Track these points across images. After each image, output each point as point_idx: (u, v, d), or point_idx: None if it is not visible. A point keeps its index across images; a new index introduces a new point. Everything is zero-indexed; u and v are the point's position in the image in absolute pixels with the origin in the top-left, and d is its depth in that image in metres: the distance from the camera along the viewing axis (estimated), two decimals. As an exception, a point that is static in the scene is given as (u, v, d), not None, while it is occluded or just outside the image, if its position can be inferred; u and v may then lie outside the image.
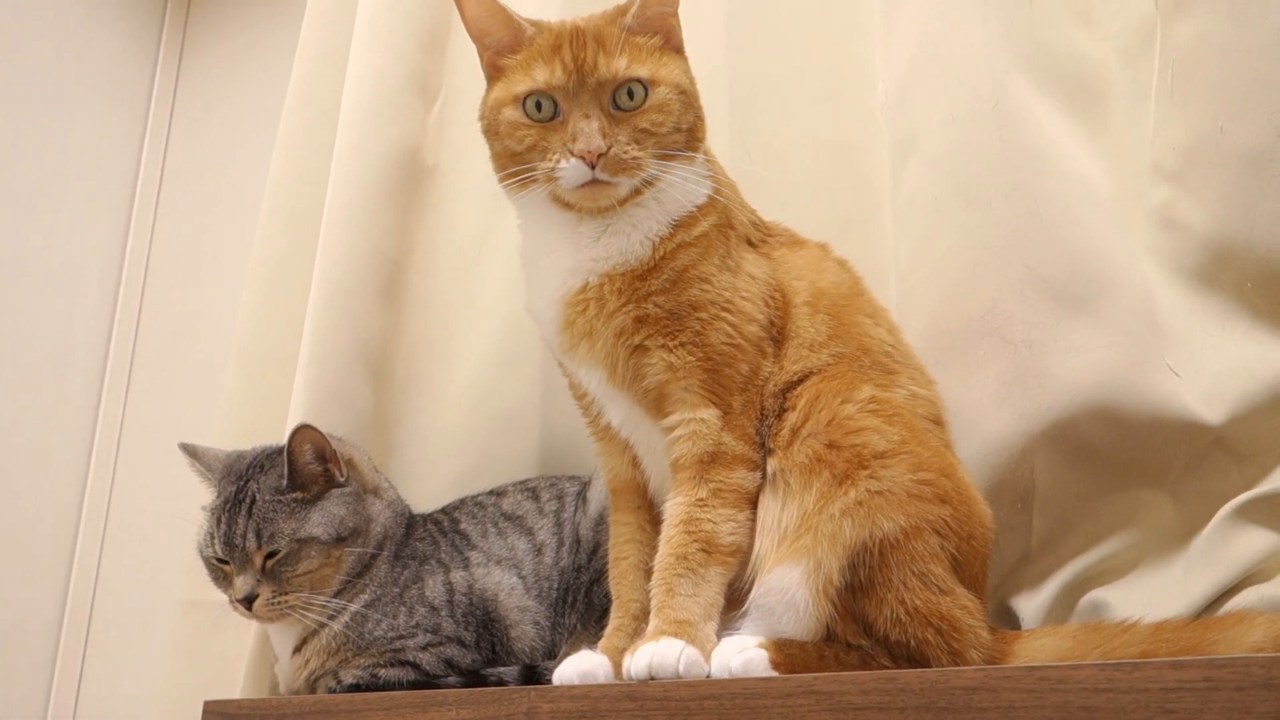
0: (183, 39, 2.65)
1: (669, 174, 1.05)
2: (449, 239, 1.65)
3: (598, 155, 1.01)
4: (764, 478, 1.02)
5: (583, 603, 1.28)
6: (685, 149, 1.07)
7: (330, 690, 1.24)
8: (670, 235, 1.06)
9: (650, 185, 1.05)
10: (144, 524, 2.28)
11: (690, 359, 1.02)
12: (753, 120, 1.50)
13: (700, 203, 1.08)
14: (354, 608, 1.26)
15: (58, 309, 2.34)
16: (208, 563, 1.28)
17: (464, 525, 1.36)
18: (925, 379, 1.13)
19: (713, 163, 1.14)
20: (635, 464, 1.13)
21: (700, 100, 1.11)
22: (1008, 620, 1.21)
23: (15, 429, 2.22)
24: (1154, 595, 1.10)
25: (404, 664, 1.24)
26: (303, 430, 1.26)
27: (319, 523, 1.25)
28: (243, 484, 1.28)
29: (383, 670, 1.23)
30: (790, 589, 0.94)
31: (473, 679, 1.23)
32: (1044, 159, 1.23)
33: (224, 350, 1.87)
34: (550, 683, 1.00)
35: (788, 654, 0.92)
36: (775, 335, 1.07)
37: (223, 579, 1.27)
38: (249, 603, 1.23)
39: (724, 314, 1.03)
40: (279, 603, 1.23)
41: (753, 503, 1.01)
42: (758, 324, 1.05)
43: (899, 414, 1.01)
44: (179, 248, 2.50)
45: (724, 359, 1.03)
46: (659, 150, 1.05)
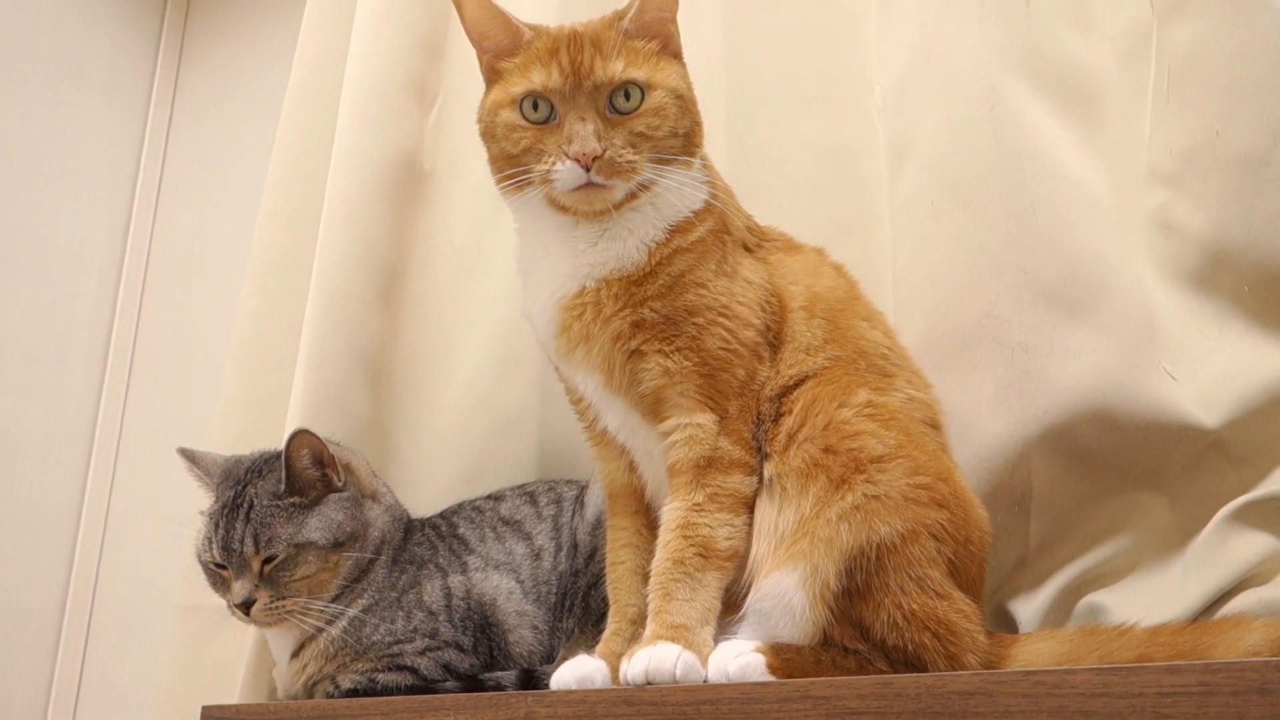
0: (182, 41, 2.65)
1: (665, 179, 1.05)
2: (447, 243, 1.65)
3: (593, 158, 1.01)
4: (760, 482, 1.02)
5: (580, 607, 1.28)
6: (682, 153, 1.07)
7: (328, 695, 1.24)
8: (667, 240, 1.06)
9: (646, 189, 1.05)
10: (143, 528, 2.27)
11: (686, 364, 1.02)
12: (750, 124, 1.50)
13: (697, 208, 1.08)
14: (352, 612, 1.26)
15: (57, 311, 2.34)
16: (206, 568, 1.28)
17: (462, 530, 1.36)
18: (922, 382, 1.13)
19: (709, 168, 1.14)
20: (632, 469, 1.13)
21: (698, 106, 1.11)
22: (1005, 624, 1.21)
23: (14, 432, 2.22)
24: (1151, 598, 1.10)
25: (402, 669, 1.24)
26: (300, 435, 1.26)
27: (317, 528, 1.25)
28: (241, 489, 1.28)
29: (381, 675, 1.23)
30: (787, 593, 0.94)
31: (470, 683, 1.23)
32: (1041, 162, 1.23)
33: (223, 353, 1.87)
34: (548, 687, 1.00)
35: (785, 658, 0.92)
36: (771, 340, 1.07)
37: (221, 584, 1.27)
38: (247, 608, 1.23)
39: (720, 319, 1.03)
40: (276, 608, 1.23)
41: (749, 507, 1.01)
42: (754, 329, 1.05)
43: (895, 418, 1.01)
44: (178, 250, 2.50)
45: (720, 364, 1.03)
46: (655, 154, 1.05)
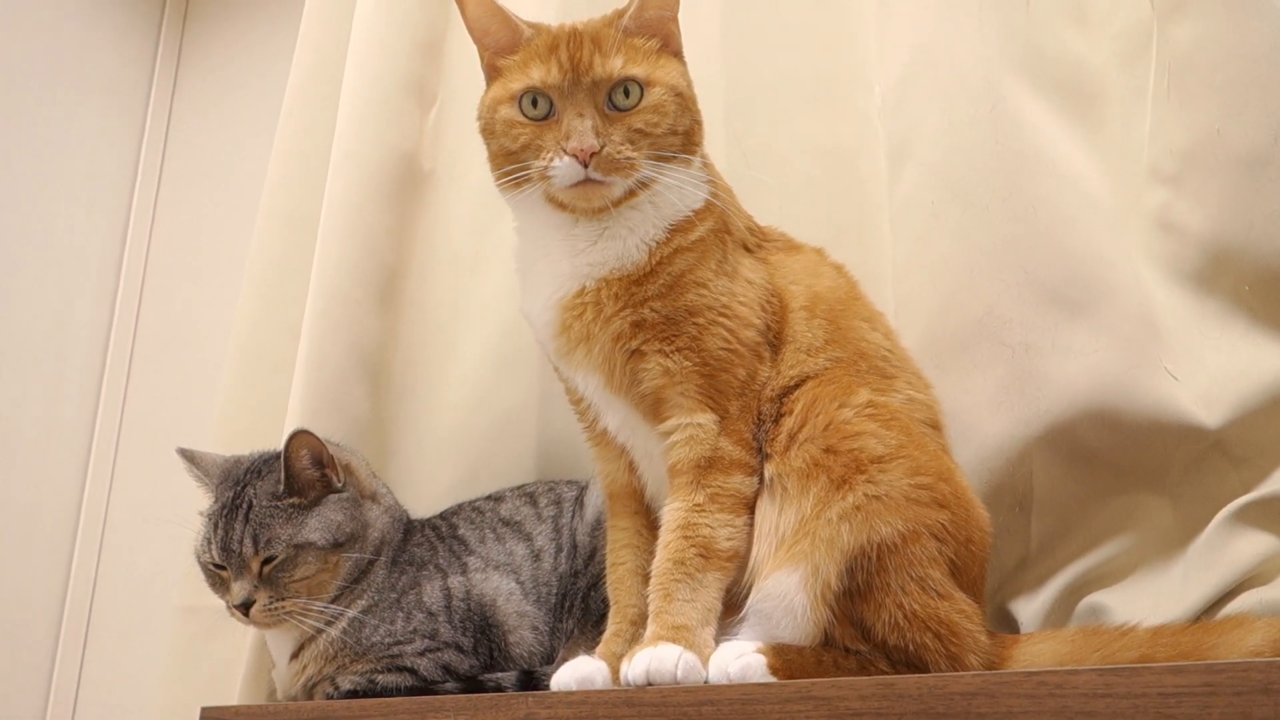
0: (180, 42, 2.64)
1: (665, 176, 1.05)
2: (446, 243, 1.65)
3: (590, 154, 1.01)
4: (761, 483, 1.02)
5: (580, 608, 1.28)
6: (682, 151, 1.07)
7: (328, 696, 1.24)
8: (667, 240, 1.06)
9: (645, 187, 1.05)
10: (141, 529, 2.27)
11: (687, 364, 1.02)
12: (749, 125, 1.50)
13: (697, 207, 1.08)
14: (351, 613, 1.26)
15: (55, 312, 2.33)
16: (205, 568, 1.28)
17: (462, 531, 1.35)
18: (922, 383, 1.13)
19: (709, 167, 1.14)
20: (632, 469, 1.13)
21: (698, 105, 1.11)
22: (1006, 624, 1.21)
23: (13, 433, 2.22)
24: (1152, 599, 1.10)
25: (402, 670, 1.23)
26: (300, 435, 1.26)
27: (316, 528, 1.25)
28: (240, 489, 1.28)
29: (380, 676, 1.23)
30: (788, 594, 0.94)
31: (470, 684, 1.22)
32: (1041, 162, 1.23)
33: (221, 353, 1.87)
34: (548, 688, 1.00)
35: (786, 659, 0.92)
36: (772, 340, 1.06)
37: (220, 585, 1.26)
38: (246, 608, 1.23)
39: (721, 319, 1.03)
40: (276, 608, 1.23)
41: (750, 508, 1.01)
42: (754, 329, 1.05)
43: (896, 418, 1.01)
44: (177, 250, 2.49)
45: (721, 364, 1.02)
46: (654, 152, 1.05)
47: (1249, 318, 1.12)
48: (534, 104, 1.06)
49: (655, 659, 0.90)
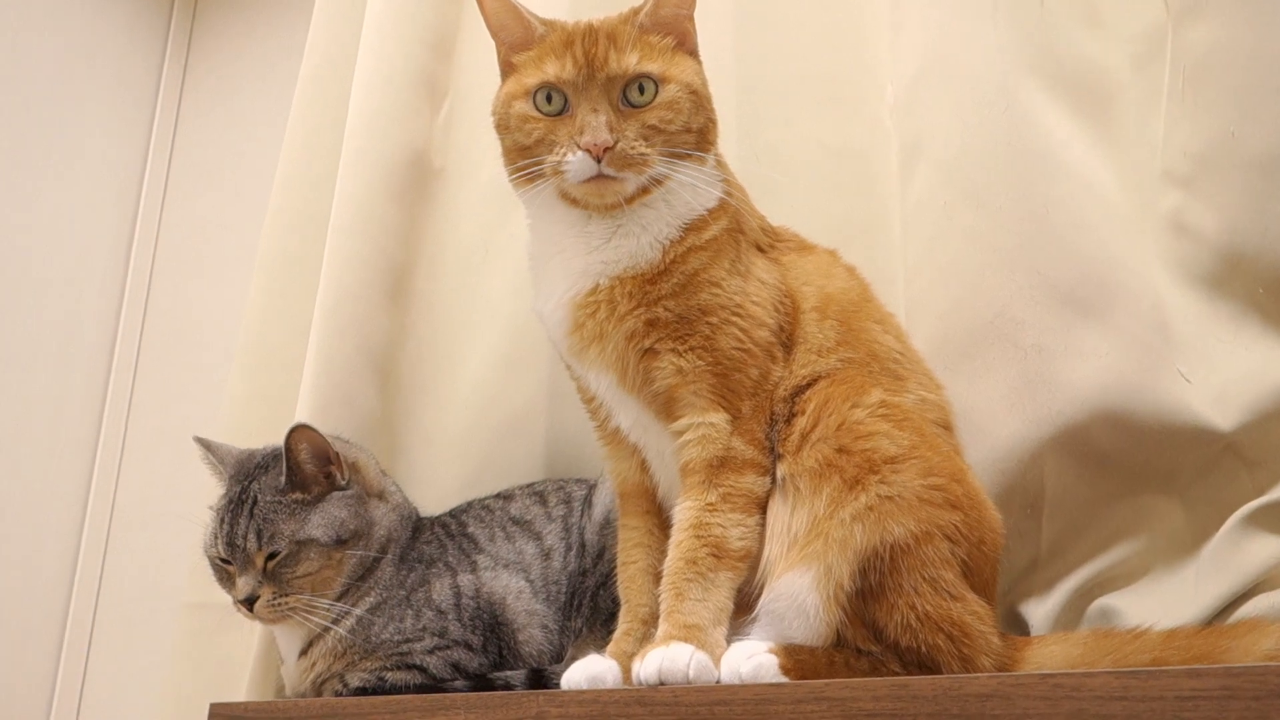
0: (189, 38, 2.64)
1: (678, 174, 1.04)
2: (455, 241, 1.65)
3: (604, 149, 1.01)
4: (773, 483, 1.02)
5: (589, 606, 1.27)
6: (696, 149, 1.07)
7: (337, 693, 1.24)
8: (681, 239, 1.05)
9: (659, 184, 1.05)
10: (148, 525, 2.27)
11: (700, 363, 1.02)
12: (760, 124, 1.50)
13: (711, 206, 1.08)
14: (358, 611, 1.26)
15: (62, 310, 2.33)
16: (212, 563, 1.28)
17: (472, 529, 1.35)
18: (934, 384, 1.13)
19: (723, 166, 1.13)
20: (644, 468, 1.12)
21: (712, 103, 1.11)
22: (1016, 626, 1.20)
23: (20, 431, 2.22)
24: (1164, 602, 1.10)
25: (411, 667, 1.23)
26: (298, 430, 1.26)
27: (319, 525, 1.25)
28: (247, 484, 1.28)
29: (390, 673, 1.23)
30: (800, 594, 0.94)
31: (480, 683, 1.22)
32: (1054, 163, 1.23)
33: (229, 350, 1.87)
34: (558, 687, 1.00)
35: (797, 659, 0.92)
36: (784, 340, 1.06)
37: (226, 579, 1.27)
38: (250, 604, 1.23)
39: (734, 319, 1.03)
40: (280, 604, 1.23)
41: (762, 507, 1.01)
42: (767, 329, 1.04)
43: (909, 419, 1.01)
44: (184, 247, 2.49)
45: (733, 364, 1.02)
46: (668, 149, 1.05)
47: (1262, 320, 1.12)
48: (548, 99, 1.06)
49: (667, 658, 0.90)
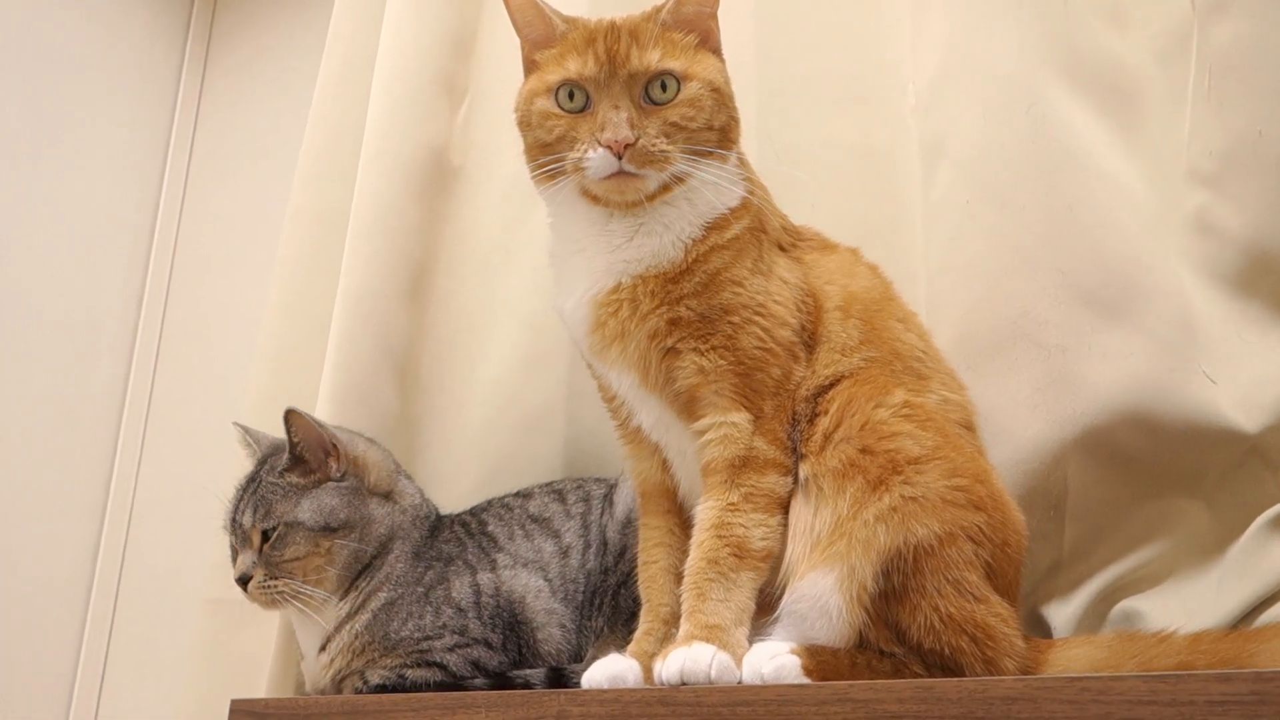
0: (209, 36, 2.66)
1: (700, 172, 1.04)
2: (475, 240, 1.65)
3: (625, 146, 1.01)
4: (795, 483, 1.01)
5: (609, 605, 1.27)
6: (718, 147, 1.06)
7: (357, 690, 1.24)
8: (703, 238, 1.05)
9: (681, 182, 1.04)
10: (168, 520, 2.28)
11: (722, 362, 1.01)
12: (780, 123, 1.49)
13: (733, 205, 1.07)
14: (374, 605, 1.27)
15: (83, 307, 2.35)
16: (229, 541, 1.31)
17: (491, 527, 1.35)
18: (957, 384, 1.12)
19: (746, 165, 1.13)
20: (665, 467, 1.12)
21: (735, 101, 1.11)
22: (1039, 628, 1.20)
23: (40, 426, 2.24)
24: (1188, 605, 1.09)
25: (431, 665, 1.23)
26: (288, 414, 1.29)
27: (308, 509, 1.27)
28: (260, 465, 1.33)
29: (410, 671, 1.23)
30: (823, 595, 0.93)
31: (499, 681, 1.22)
32: (1078, 162, 1.22)
33: (250, 346, 1.88)
34: (577, 686, 1.00)
35: (820, 660, 0.91)
36: (807, 340, 1.06)
37: (233, 557, 1.30)
38: (245, 583, 1.26)
39: (756, 318, 1.02)
40: (269, 586, 1.25)
41: (784, 507, 1.00)
42: (790, 328, 1.04)
43: (932, 419, 1.00)
44: (204, 244, 2.50)
45: (755, 363, 1.02)
46: (690, 146, 1.04)
47: (1289, 321, 1.11)
48: (570, 96, 1.06)
49: (689, 658, 0.90)
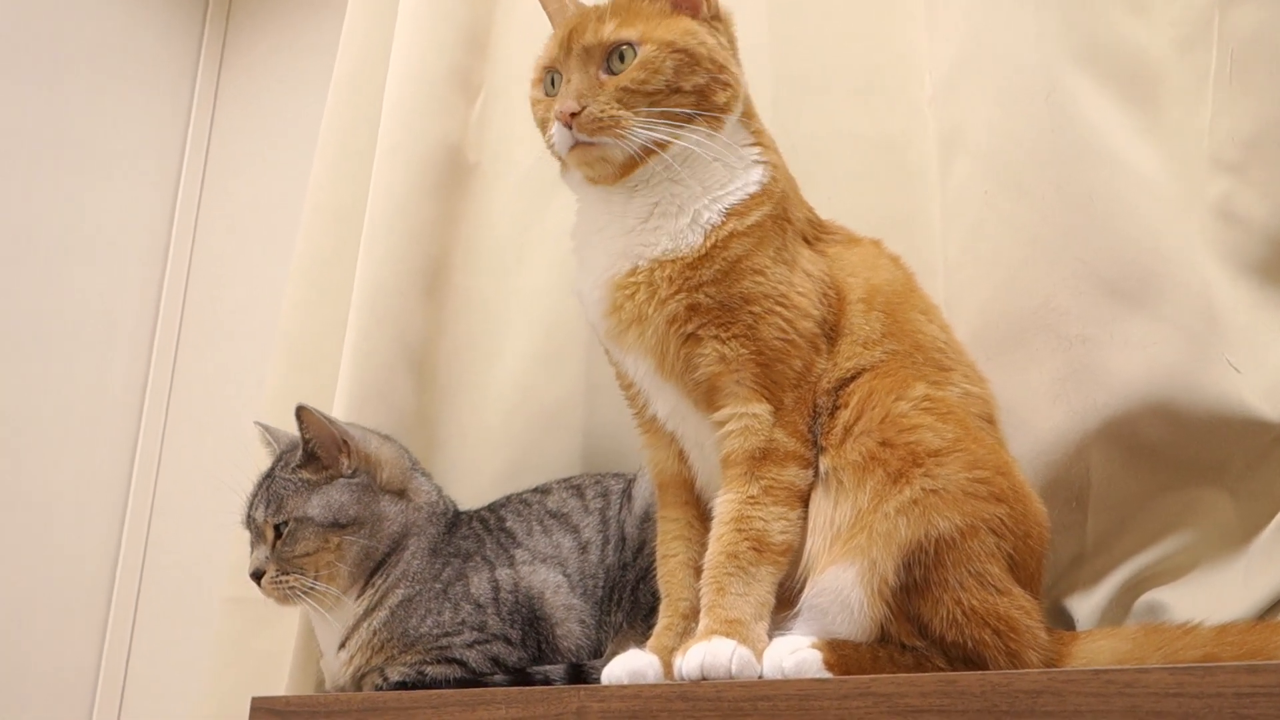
0: (224, 33, 2.66)
1: (683, 138, 1.03)
2: (491, 236, 1.65)
3: (570, 115, 1.02)
4: (816, 476, 1.00)
5: (628, 601, 1.27)
6: (698, 110, 1.05)
7: (377, 687, 1.24)
8: (723, 223, 1.03)
9: (663, 148, 1.03)
10: (188, 519, 2.29)
11: (743, 352, 1.00)
12: (796, 115, 1.48)
13: (753, 190, 1.05)
14: (391, 602, 1.27)
15: (101, 305, 2.36)
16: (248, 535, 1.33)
17: (509, 523, 1.35)
18: (977, 377, 1.11)
19: (768, 150, 1.10)
20: (682, 458, 1.11)
21: (726, 62, 1.08)
22: (1062, 620, 1.19)
23: (60, 425, 2.25)
24: (1213, 596, 1.08)
25: (451, 661, 1.23)
26: (299, 410, 1.30)
27: (318, 505, 1.27)
28: (276, 462, 1.34)
29: (429, 667, 1.23)
30: (844, 589, 0.92)
31: (519, 677, 1.22)
32: (1098, 151, 1.20)
33: (267, 343, 1.88)
34: (597, 681, 0.99)
35: (841, 655, 0.91)
36: (828, 332, 1.05)
37: (250, 552, 1.30)
38: (259, 579, 1.26)
39: (778, 308, 1.01)
40: (280, 582, 1.26)
41: (804, 501, 1.00)
42: (812, 320, 1.03)
43: (953, 412, 0.99)
44: (221, 241, 2.51)
45: (776, 354, 1.01)
46: (655, 109, 1.03)
47: (1315, 310, 1.10)
48: (553, 82, 1.09)
49: (709, 653, 0.89)
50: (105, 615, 2.27)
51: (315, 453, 1.31)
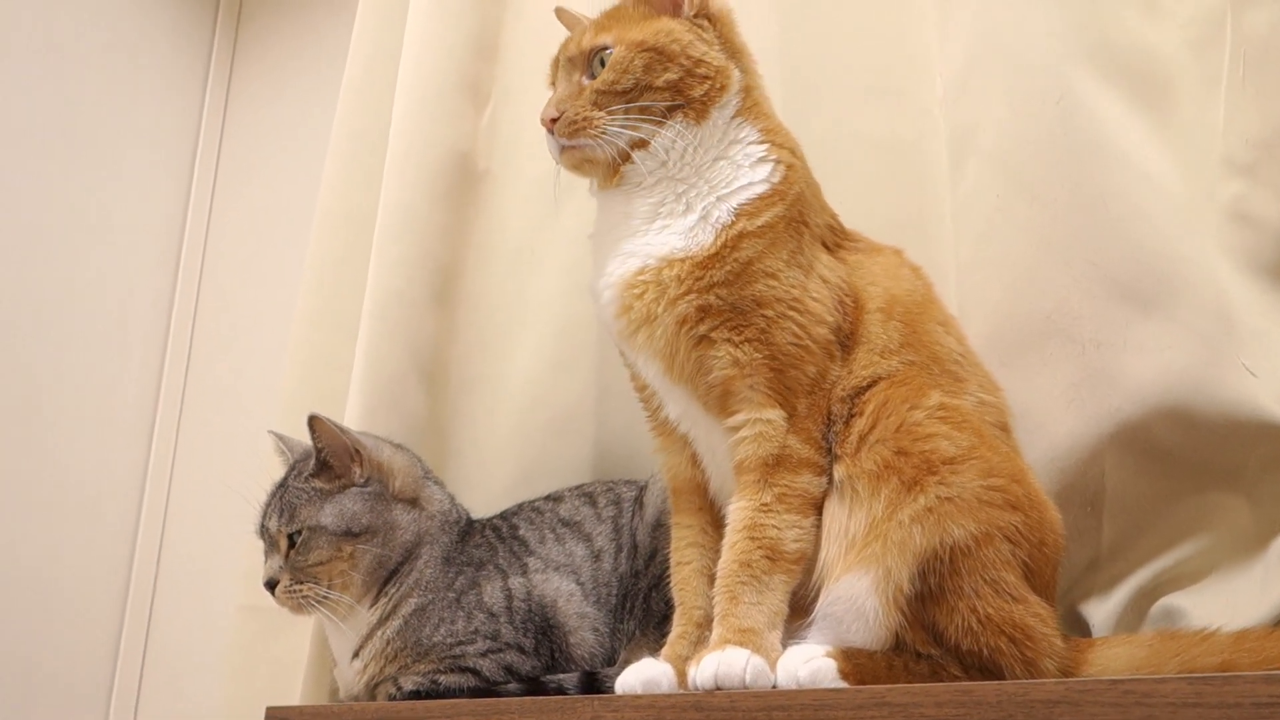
0: (235, 37, 2.67)
1: (664, 132, 1.05)
2: (501, 242, 1.65)
3: (551, 121, 1.07)
4: (830, 484, 1.00)
5: (641, 609, 1.27)
6: (674, 101, 1.07)
7: (391, 697, 1.24)
8: (733, 222, 1.03)
9: (642, 147, 1.06)
10: (202, 527, 2.30)
11: (757, 356, 1.00)
12: (806, 117, 1.47)
13: (762, 191, 1.05)
14: (405, 611, 1.27)
15: (113, 314, 2.36)
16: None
17: (522, 531, 1.35)
18: (993, 385, 1.10)
19: (778, 148, 1.09)
20: (695, 462, 1.11)
21: (701, 55, 1.08)
22: (1077, 626, 1.18)
23: (74, 429, 2.25)
24: (1230, 601, 1.07)
25: (464, 670, 1.23)
26: (311, 420, 1.31)
27: (330, 514, 1.28)
28: (289, 471, 1.34)
29: (443, 676, 1.23)
30: (859, 597, 0.92)
31: (533, 686, 1.22)
32: (1110, 153, 1.20)
33: (279, 348, 1.88)
34: (611, 690, 0.99)
35: (856, 663, 0.90)
36: (844, 340, 1.04)
37: (264, 562, 1.31)
38: (273, 588, 1.27)
39: (791, 313, 1.01)
40: (294, 591, 1.26)
41: (818, 508, 0.99)
42: (827, 326, 1.02)
43: (968, 420, 0.99)
44: (233, 244, 2.51)
45: (790, 359, 1.00)
46: (633, 107, 1.05)
47: (1330, 312, 1.09)
48: None
49: (723, 663, 0.89)
50: (119, 624, 2.28)
51: (328, 462, 1.31)
